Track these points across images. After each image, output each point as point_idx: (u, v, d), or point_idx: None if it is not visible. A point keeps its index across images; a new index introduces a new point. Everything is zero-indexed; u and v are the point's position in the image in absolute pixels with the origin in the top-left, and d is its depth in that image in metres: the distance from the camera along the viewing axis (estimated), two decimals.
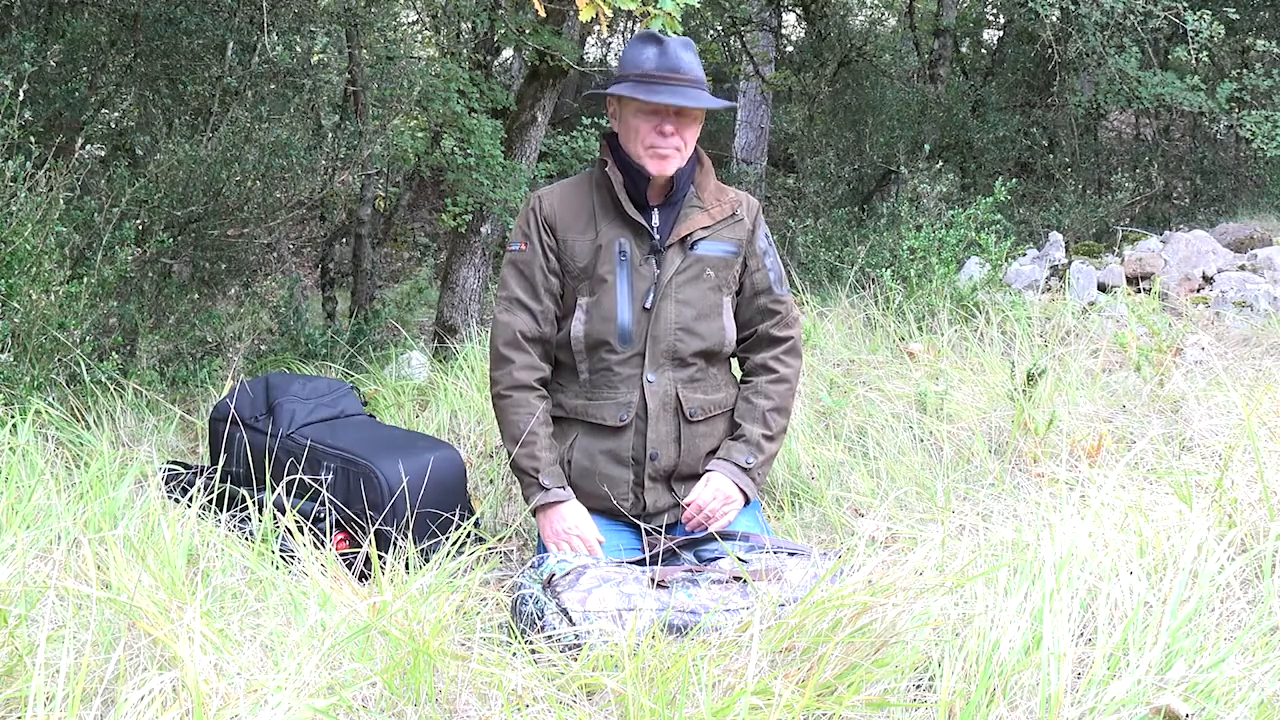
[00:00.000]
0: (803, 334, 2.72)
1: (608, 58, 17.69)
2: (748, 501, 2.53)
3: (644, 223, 2.49)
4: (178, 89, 5.93)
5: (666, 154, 2.43)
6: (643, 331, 2.49)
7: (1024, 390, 3.38)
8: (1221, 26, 7.22)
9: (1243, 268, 5.59)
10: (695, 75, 2.41)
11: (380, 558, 2.39)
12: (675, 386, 2.52)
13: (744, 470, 2.53)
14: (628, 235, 2.49)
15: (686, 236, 2.50)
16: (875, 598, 1.72)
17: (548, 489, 2.44)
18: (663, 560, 2.26)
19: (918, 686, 1.75)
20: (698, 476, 2.57)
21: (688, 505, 2.48)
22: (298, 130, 6.13)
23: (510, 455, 2.49)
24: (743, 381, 2.67)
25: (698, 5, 3.73)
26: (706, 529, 2.42)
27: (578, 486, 2.52)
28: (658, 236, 2.50)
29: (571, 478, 2.52)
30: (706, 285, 2.53)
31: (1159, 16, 7.46)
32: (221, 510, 2.58)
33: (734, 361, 2.74)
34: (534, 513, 2.49)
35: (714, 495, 2.48)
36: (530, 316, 2.50)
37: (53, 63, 5.51)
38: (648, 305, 2.48)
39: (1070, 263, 5.73)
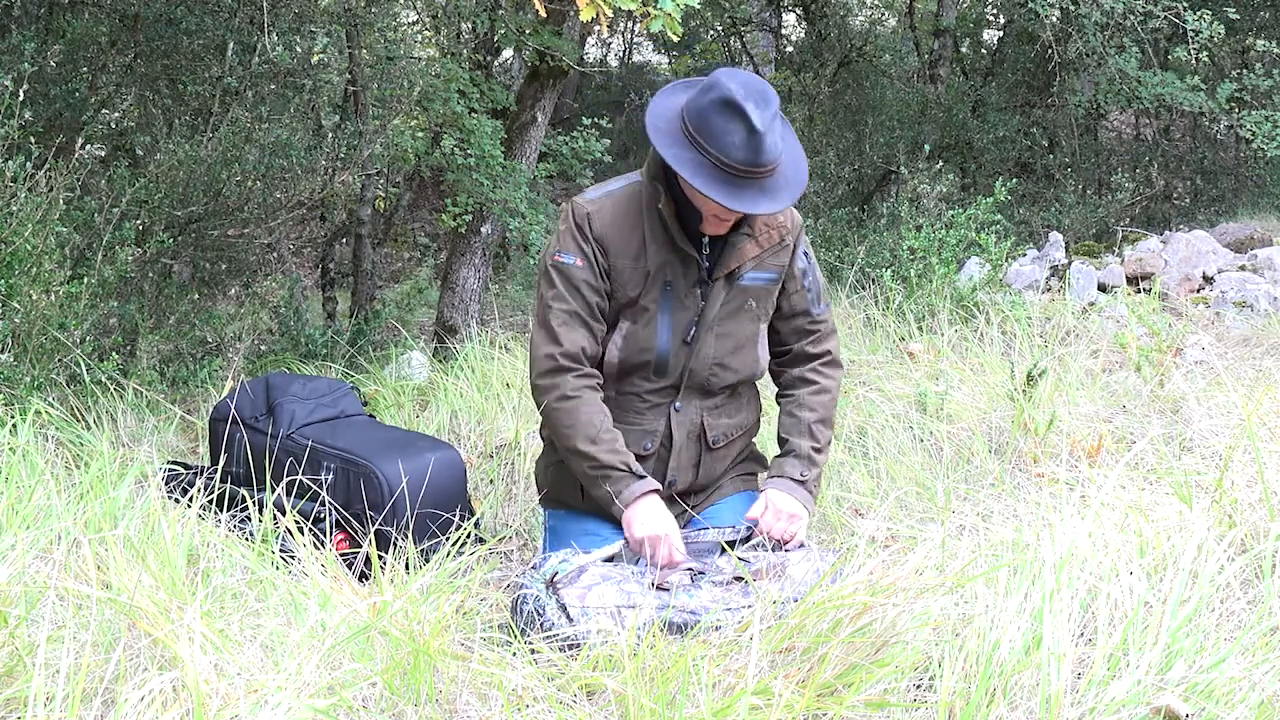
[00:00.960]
0: (839, 344, 2.60)
1: (608, 58, 17.69)
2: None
3: (694, 254, 2.35)
4: (178, 89, 5.93)
5: (726, 222, 2.32)
6: (680, 364, 2.40)
7: (1024, 390, 3.38)
8: (1221, 26, 7.22)
9: (1243, 268, 5.59)
10: (778, 154, 2.20)
11: (380, 558, 2.38)
12: (701, 415, 2.45)
13: (799, 483, 2.41)
14: (675, 264, 2.35)
15: (735, 269, 2.38)
16: (875, 598, 1.72)
17: (644, 477, 2.30)
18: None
19: (918, 686, 1.75)
20: (705, 490, 2.54)
21: (752, 528, 2.36)
22: (298, 130, 6.13)
23: (582, 455, 2.31)
24: (782, 395, 2.57)
25: (698, 5, 3.73)
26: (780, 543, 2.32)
27: (593, 503, 2.45)
28: (706, 266, 2.38)
29: (586, 494, 2.45)
30: (747, 316, 2.43)
31: (1159, 16, 7.46)
32: (222, 510, 2.58)
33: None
34: (623, 509, 2.28)
35: (777, 516, 2.34)
36: (589, 334, 2.37)
37: (53, 63, 5.51)
38: (688, 339, 2.39)
39: (1070, 263, 5.73)
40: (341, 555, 2.55)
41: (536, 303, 2.46)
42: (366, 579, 2.50)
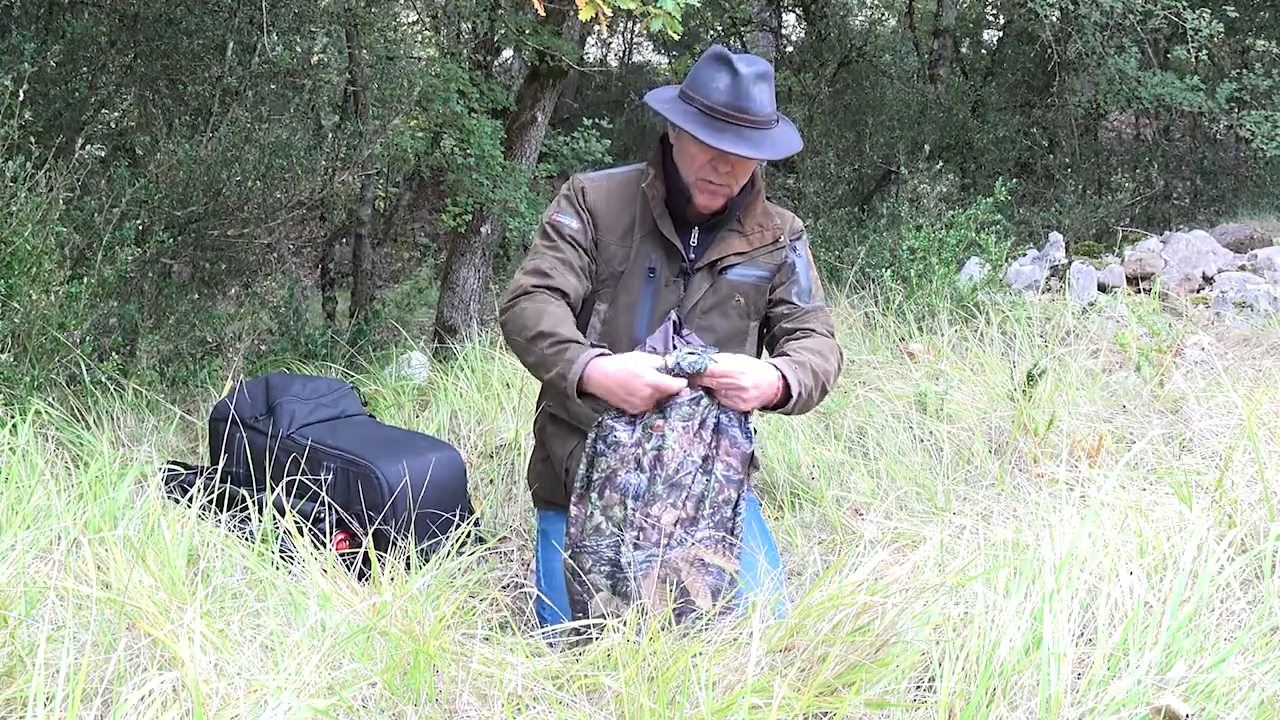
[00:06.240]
0: (836, 340, 2.48)
1: (608, 58, 17.69)
2: (788, 394, 2.20)
3: (678, 245, 2.37)
4: (178, 89, 5.93)
5: (717, 190, 2.32)
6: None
7: (1024, 390, 3.38)
8: (1221, 25, 7.22)
9: (1243, 268, 5.59)
10: (765, 113, 2.24)
11: (380, 558, 2.38)
12: None
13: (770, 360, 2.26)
14: (660, 252, 2.38)
15: (716, 261, 2.39)
16: (875, 597, 1.72)
17: (591, 345, 2.22)
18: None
19: (918, 687, 1.75)
20: None
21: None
22: (298, 130, 6.13)
23: (543, 335, 2.22)
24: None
25: (698, 5, 3.73)
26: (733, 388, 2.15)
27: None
28: (689, 259, 2.39)
29: (568, 485, 2.45)
30: (735, 312, 2.43)
31: (1159, 16, 7.46)
32: (221, 510, 2.58)
33: None
34: (579, 391, 2.16)
35: (741, 364, 2.16)
36: (577, 282, 2.36)
37: (53, 63, 5.50)
38: None
39: (1070, 263, 5.73)
40: (341, 555, 2.54)
41: (527, 258, 2.43)
42: (366, 579, 2.50)
